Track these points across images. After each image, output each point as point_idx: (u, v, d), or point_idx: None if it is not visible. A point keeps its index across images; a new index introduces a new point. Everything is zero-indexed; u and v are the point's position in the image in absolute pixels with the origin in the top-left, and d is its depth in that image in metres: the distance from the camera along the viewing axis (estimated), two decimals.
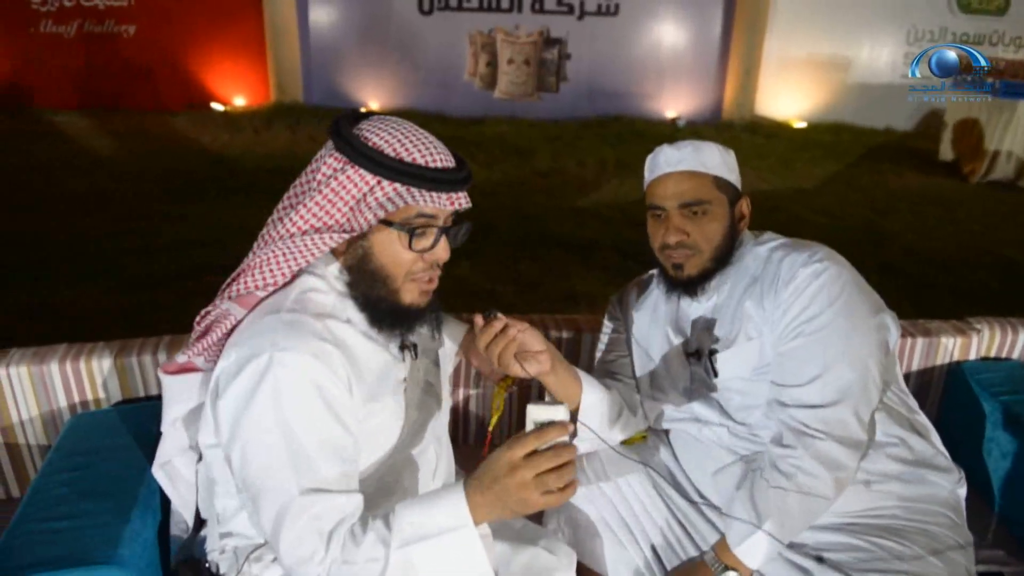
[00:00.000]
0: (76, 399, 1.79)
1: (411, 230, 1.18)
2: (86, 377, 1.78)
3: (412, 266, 1.21)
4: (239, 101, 8.94)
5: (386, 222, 1.17)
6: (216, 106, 8.85)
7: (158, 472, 1.36)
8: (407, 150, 1.16)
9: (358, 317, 1.24)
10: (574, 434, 1.49)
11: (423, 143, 1.18)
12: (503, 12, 8.76)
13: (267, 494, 1.11)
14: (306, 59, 8.93)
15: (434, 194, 1.17)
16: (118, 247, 4.68)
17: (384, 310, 1.23)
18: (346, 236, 1.18)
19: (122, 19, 8.54)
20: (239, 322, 1.22)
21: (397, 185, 1.15)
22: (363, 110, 8.58)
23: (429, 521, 1.09)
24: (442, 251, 1.23)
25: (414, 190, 1.16)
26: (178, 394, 1.32)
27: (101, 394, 1.80)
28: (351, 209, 1.17)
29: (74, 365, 1.76)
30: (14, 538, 1.30)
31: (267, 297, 1.23)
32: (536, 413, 1.14)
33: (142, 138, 7.52)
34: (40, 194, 5.73)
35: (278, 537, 1.10)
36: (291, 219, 1.19)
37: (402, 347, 1.30)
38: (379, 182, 1.15)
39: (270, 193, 1.26)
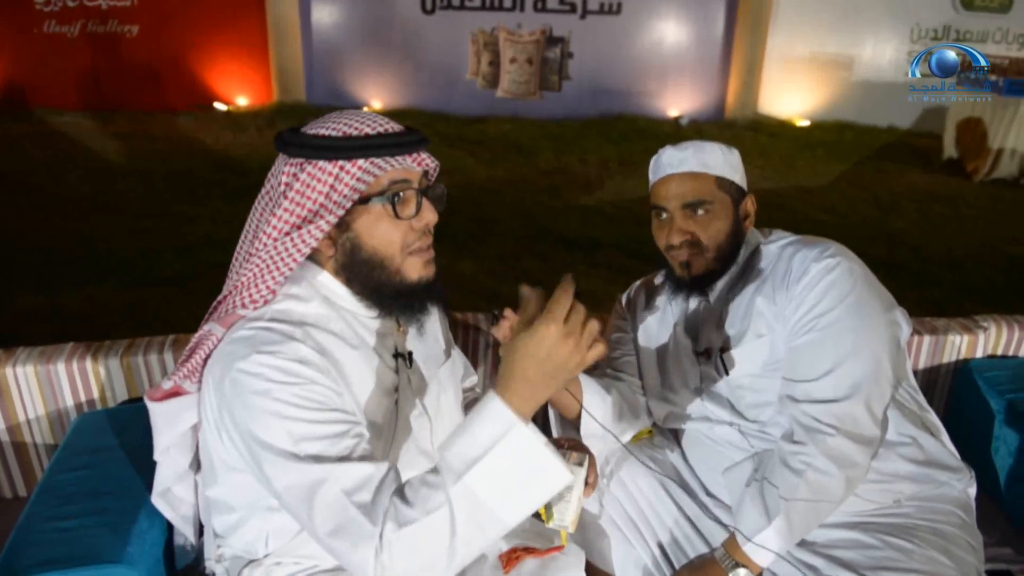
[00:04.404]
0: (83, 398, 1.80)
1: (391, 197, 1.17)
2: (93, 376, 1.78)
3: (405, 239, 1.19)
4: (242, 101, 8.94)
5: (363, 201, 1.16)
6: (219, 106, 8.86)
7: (158, 501, 1.35)
8: (355, 128, 1.16)
9: (344, 328, 1.20)
10: (578, 418, 1.49)
11: (367, 117, 1.19)
12: (505, 11, 8.75)
13: (297, 492, 1.05)
14: (308, 59, 8.93)
15: (399, 158, 1.17)
16: (125, 248, 4.68)
17: (391, 294, 1.20)
18: (324, 227, 1.15)
19: (125, 19, 8.55)
20: (220, 341, 1.18)
21: (360, 162, 1.15)
22: (365, 110, 8.59)
23: (473, 441, 1.00)
24: (428, 213, 1.21)
25: (378, 160, 1.15)
26: (166, 421, 1.28)
27: (108, 393, 1.80)
28: (322, 206, 1.15)
29: (81, 364, 1.77)
30: (23, 537, 1.30)
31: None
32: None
33: (146, 138, 7.53)
34: (45, 195, 5.73)
35: (315, 527, 1.04)
36: (265, 232, 1.17)
37: (395, 356, 1.27)
38: (342, 167, 1.14)
39: None
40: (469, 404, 1.54)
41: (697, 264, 1.49)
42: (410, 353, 1.30)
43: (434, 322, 1.40)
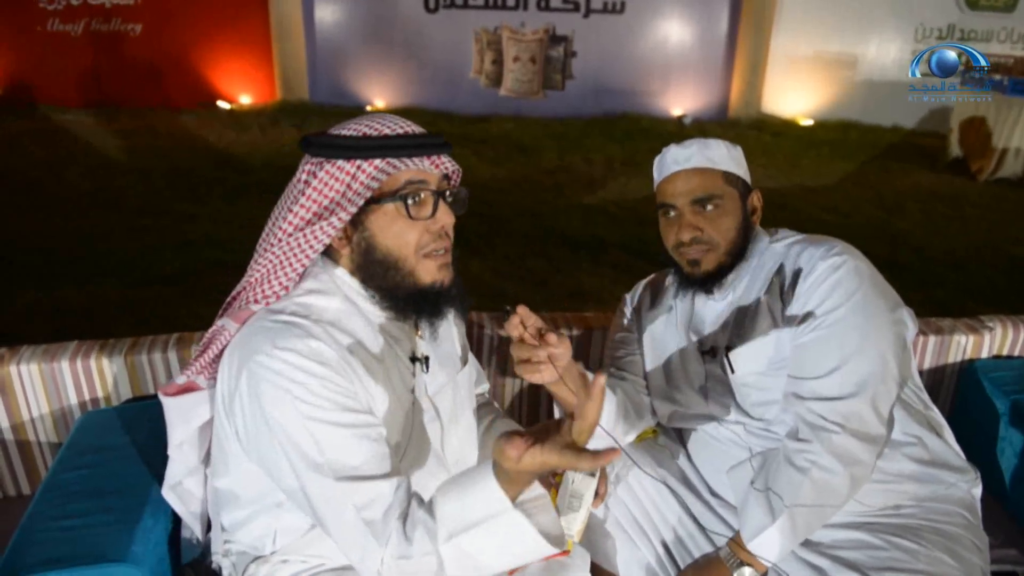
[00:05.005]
0: (87, 396, 1.80)
1: (403, 197, 1.17)
2: (96, 375, 1.78)
3: (419, 240, 1.19)
4: (245, 99, 8.94)
5: (376, 200, 1.17)
6: (223, 104, 8.86)
7: (169, 494, 1.35)
8: (375, 129, 1.18)
9: (363, 329, 1.21)
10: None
11: (389, 119, 1.20)
12: (509, 10, 8.74)
13: (309, 496, 1.09)
14: (312, 57, 8.93)
15: (415, 159, 1.18)
16: (125, 246, 4.68)
17: (404, 297, 1.20)
18: (337, 224, 1.16)
19: (129, 18, 8.55)
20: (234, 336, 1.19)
21: (376, 161, 1.16)
22: (369, 109, 8.59)
23: (469, 509, 1.05)
24: (444, 215, 1.21)
25: (394, 160, 1.16)
26: (180, 415, 1.29)
27: (112, 391, 1.80)
28: (337, 203, 1.16)
29: (84, 363, 1.77)
30: (27, 535, 1.30)
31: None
32: (578, 481, 1.18)
33: (149, 136, 7.53)
34: (47, 193, 5.73)
35: (331, 533, 1.10)
36: (280, 227, 1.19)
37: (412, 359, 1.28)
38: (359, 167, 1.16)
39: (277, 192, 1.26)
40: (480, 408, 1.54)
41: (707, 261, 1.48)
42: (427, 357, 1.30)
43: (452, 327, 1.40)
